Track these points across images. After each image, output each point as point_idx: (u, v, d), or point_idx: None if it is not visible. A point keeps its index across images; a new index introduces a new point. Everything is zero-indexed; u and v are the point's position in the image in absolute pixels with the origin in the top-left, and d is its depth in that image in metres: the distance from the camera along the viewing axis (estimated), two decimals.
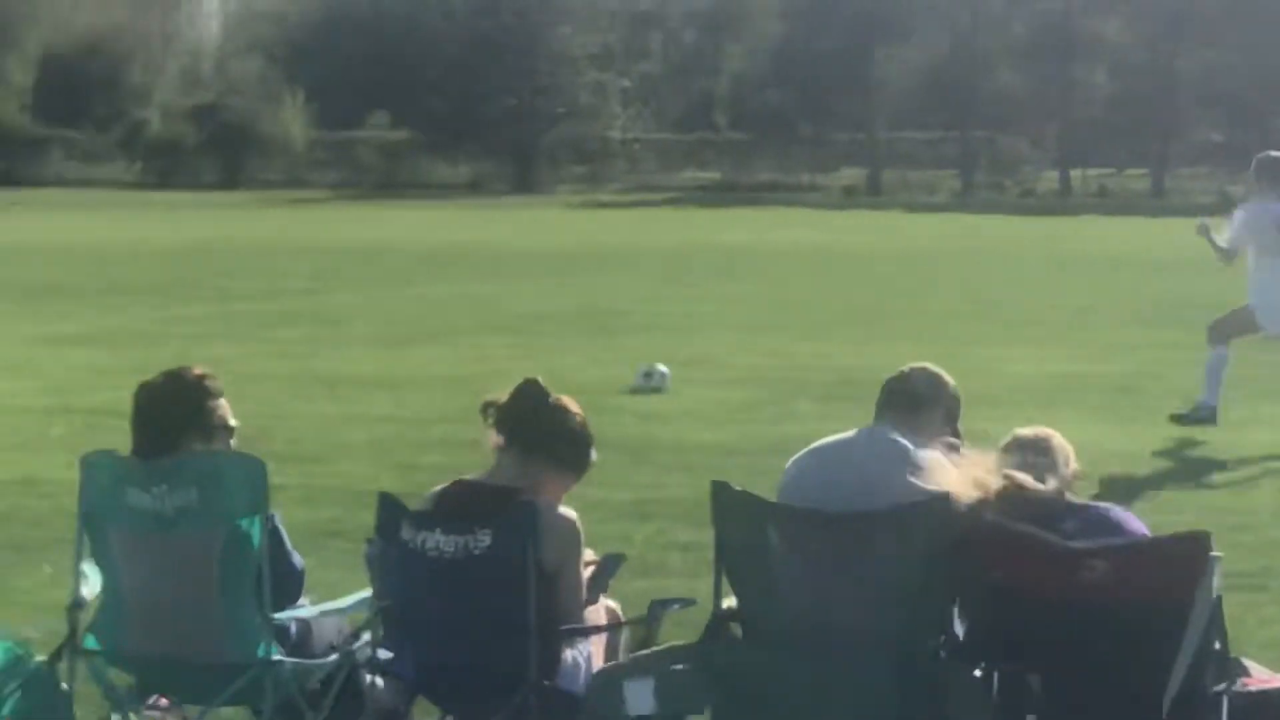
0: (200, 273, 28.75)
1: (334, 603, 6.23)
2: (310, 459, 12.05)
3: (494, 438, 6.02)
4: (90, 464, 6.13)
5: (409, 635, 5.95)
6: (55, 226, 44.19)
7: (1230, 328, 13.66)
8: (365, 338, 19.60)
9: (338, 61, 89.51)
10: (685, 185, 76.54)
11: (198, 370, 6.23)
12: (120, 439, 12.53)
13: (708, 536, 9.78)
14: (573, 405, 6.06)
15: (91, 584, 6.14)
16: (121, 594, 6.00)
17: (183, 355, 17.43)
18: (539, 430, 5.97)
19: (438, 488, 6.14)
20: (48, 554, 9.35)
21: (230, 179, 78.11)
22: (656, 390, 15.45)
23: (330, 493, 10.83)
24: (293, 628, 6.09)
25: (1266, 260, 13.40)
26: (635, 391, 15.27)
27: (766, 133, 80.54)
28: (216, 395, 6.15)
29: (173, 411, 6.08)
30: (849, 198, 70.07)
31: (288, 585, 6.02)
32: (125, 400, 14.12)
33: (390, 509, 6.02)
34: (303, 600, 6.17)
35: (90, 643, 6.06)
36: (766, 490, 5.78)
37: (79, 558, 6.12)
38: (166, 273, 28.66)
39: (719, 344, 16.40)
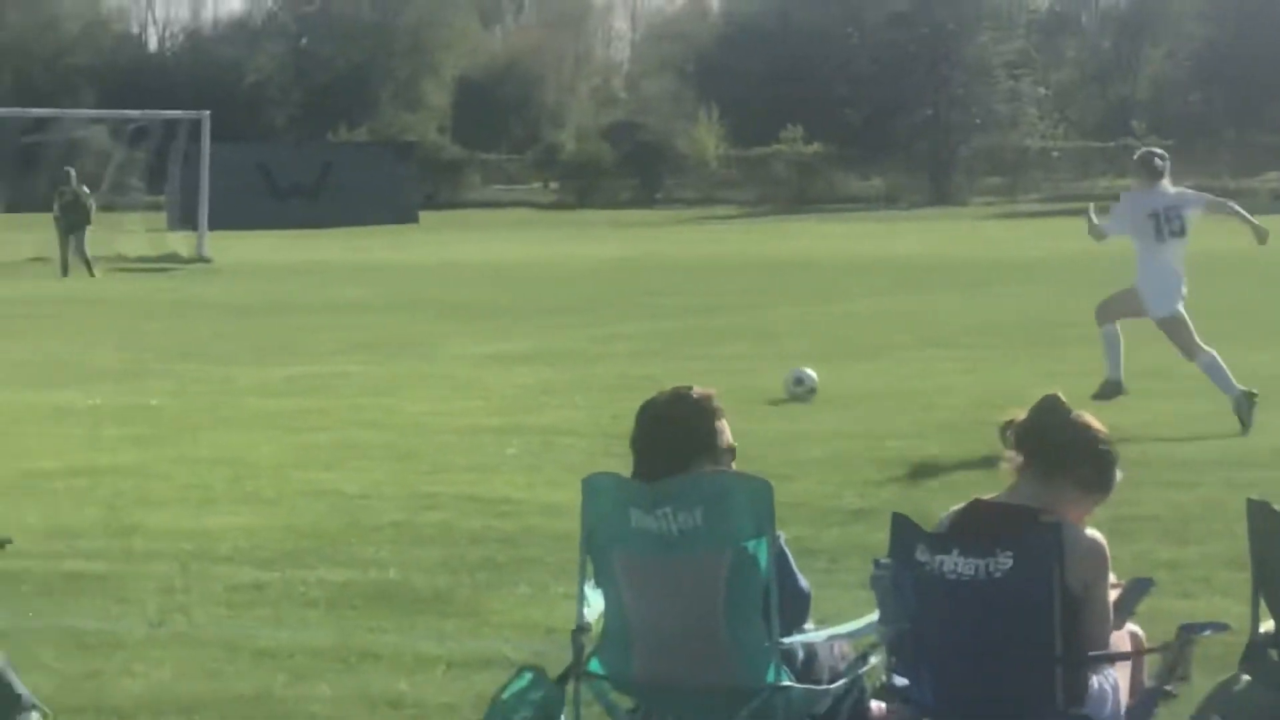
0: (630, 290, 28.97)
1: (842, 626, 6.05)
2: (770, 477, 11.86)
3: (1013, 456, 5.76)
4: (592, 486, 6.06)
5: (926, 661, 5.72)
6: (481, 247, 45.11)
7: (1115, 309, 14.38)
8: (803, 354, 19.34)
9: (748, 77, 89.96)
10: (1104, 194, 74.85)
11: (701, 391, 6.12)
12: (575, 458, 12.70)
13: (1190, 554, 9.46)
14: (1095, 422, 5.76)
15: (594, 607, 6.06)
16: (626, 618, 5.90)
17: (623, 374, 17.56)
18: (1061, 448, 5.70)
19: (954, 508, 5.90)
20: (521, 574, 9.36)
21: (646, 197, 78.94)
22: (802, 400, 15.49)
23: (795, 510, 10.62)
24: (800, 652, 5.93)
25: (1143, 246, 14.13)
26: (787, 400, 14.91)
27: (1187, 137, 78.33)
28: (720, 416, 6.04)
29: (681, 433, 5.97)
30: (1276, 201, 67.72)
31: (795, 608, 5.87)
32: (575, 419, 14.39)
33: (905, 530, 5.81)
34: (808, 623, 6.02)
35: (594, 666, 5.98)
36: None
37: (582, 581, 6.03)
38: (596, 291, 28.94)
39: (1169, 354, 15.77)
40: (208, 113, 41.81)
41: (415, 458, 12.94)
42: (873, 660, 5.85)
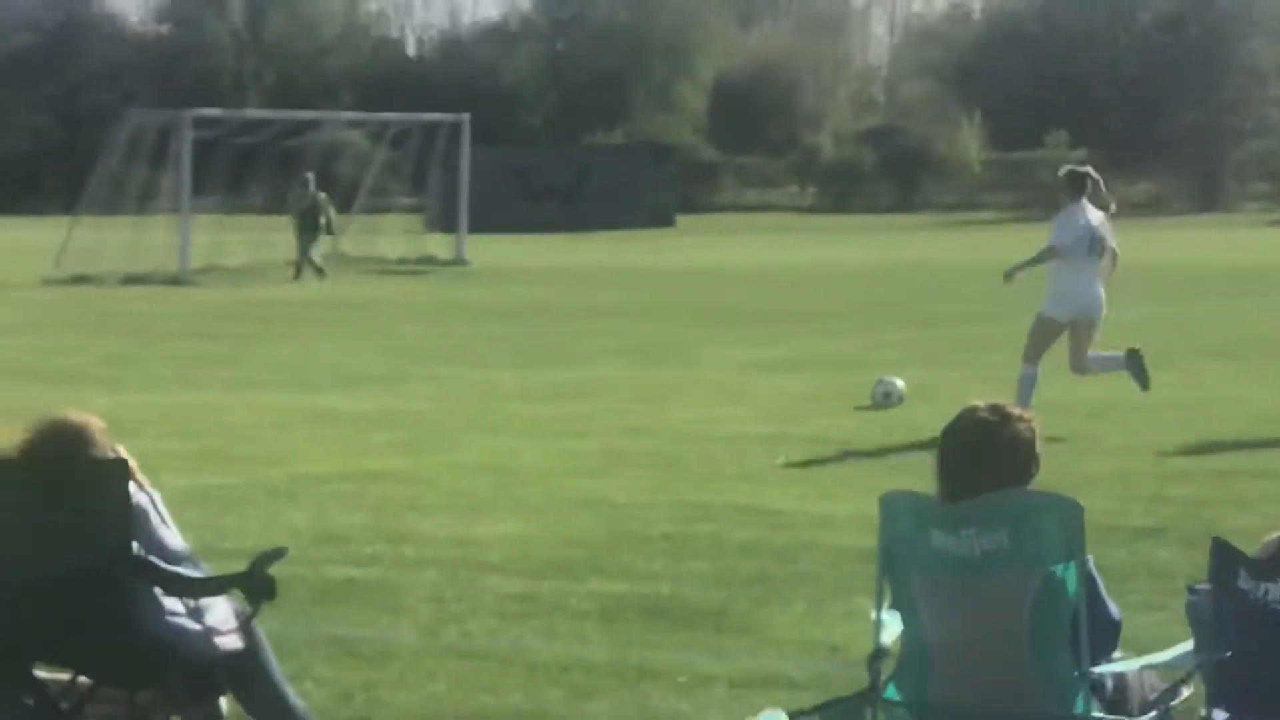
0: (895, 296, 28.53)
1: (1155, 656, 5.69)
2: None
3: None
4: (890, 505, 5.76)
5: (1247, 695, 5.35)
6: (739, 251, 44.88)
7: (1038, 345, 15.49)
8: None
9: (1010, 81, 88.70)
10: None
11: (1010, 409, 5.78)
12: (847, 469, 12.38)
13: None
14: None
15: (890, 630, 5.77)
16: (925, 642, 5.59)
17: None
18: None
19: (1276, 534, 5.51)
20: (798, 590, 9.08)
21: (905, 201, 78.22)
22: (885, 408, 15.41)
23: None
24: (1109, 682, 5.58)
25: (1065, 261, 15.65)
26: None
27: None
28: (1028, 435, 5.69)
29: (1003, 456, 5.63)
30: None
31: (1104, 636, 5.52)
32: (845, 428, 14.05)
33: (1226, 555, 5.44)
34: (1116, 652, 5.66)
35: (891, 693, 5.68)
36: None
37: (879, 604, 5.72)
38: (861, 296, 28.55)
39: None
40: (468, 115, 42.02)
41: (682, 466, 12.70)
42: (1185, 692, 5.50)
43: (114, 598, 6.15)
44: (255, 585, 6.32)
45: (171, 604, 6.30)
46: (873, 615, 5.84)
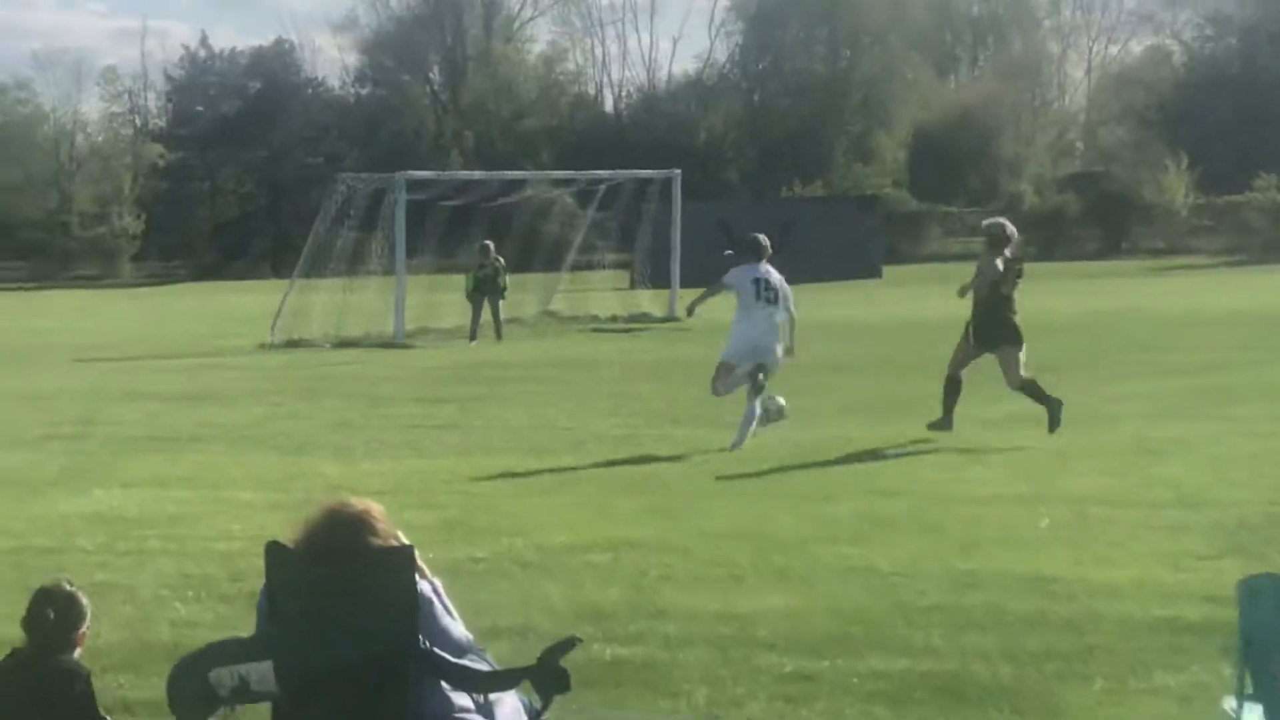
0: (1121, 345, 27.82)
1: None
2: None
3: None
4: (1251, 590, 5.32)
5: None
6: (948, 302, 44.16)
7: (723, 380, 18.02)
8: None
9: (1215, 123, 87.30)
10: None
11: None
12: (1118, 531, 11.80)
13: None
14: None
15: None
16: None
17: (1141, 436, 16.61)
18: None
19: None
20: (1093, 665, 8.61)
21: (1112, 248, 77.04)
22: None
23: None
24: None
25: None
26: None
27: None
28: None
29: None
30: None
31: None
32: (1105, 487, 13.49)
33: None
34: None
35: None
36: None
37: (1240, 693, 5.25)
38: (1086, 345, 27.87)
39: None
40: (679, 171, 41.88)
41: (943, 530, 12.21)
42: None
43: (400, 693, 5.83)
44: (547, 678, 5.99)
45: (459, 699, 5.97)
46: (1228, 705, 5.40)
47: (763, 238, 18.78)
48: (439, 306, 38.93)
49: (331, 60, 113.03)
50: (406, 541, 6.01)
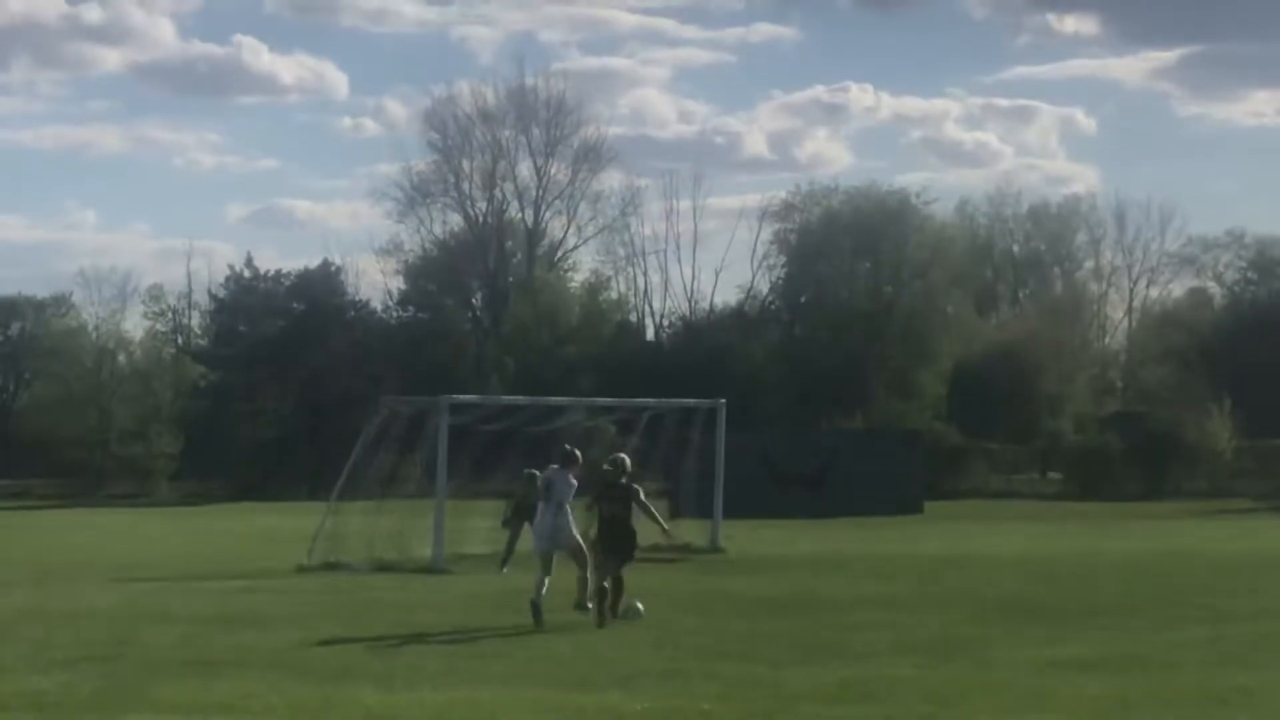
0: (1175, 589, 27.22)
1: None
2: None
3: None
4: None
5: None
6: (994, 539, 43.74)
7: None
8: None
9: (1257, 365, 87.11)
10: None
11: None
12: None
13: None
14: None
15: None
16: None
17: (1204, 685, 16.11)
18: None
19: None
20: None
21: (1154, 489, 76.53)
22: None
23: None
24: None
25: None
26: None
27: None
28: None
29: None
30: None
31: None
32: None
33: None
34: None
35: None
36: None
37: None
38: (1141, 589, 27.27)
39: None
40: (723, 400, 41.67)
41: None
42: None
43: None
44: None
45: None
46: None
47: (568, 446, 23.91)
48: (475, 532, 38.52)
49: (375, 283, 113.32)
50: None
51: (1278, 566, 32.47)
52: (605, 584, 22.58)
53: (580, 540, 22.95)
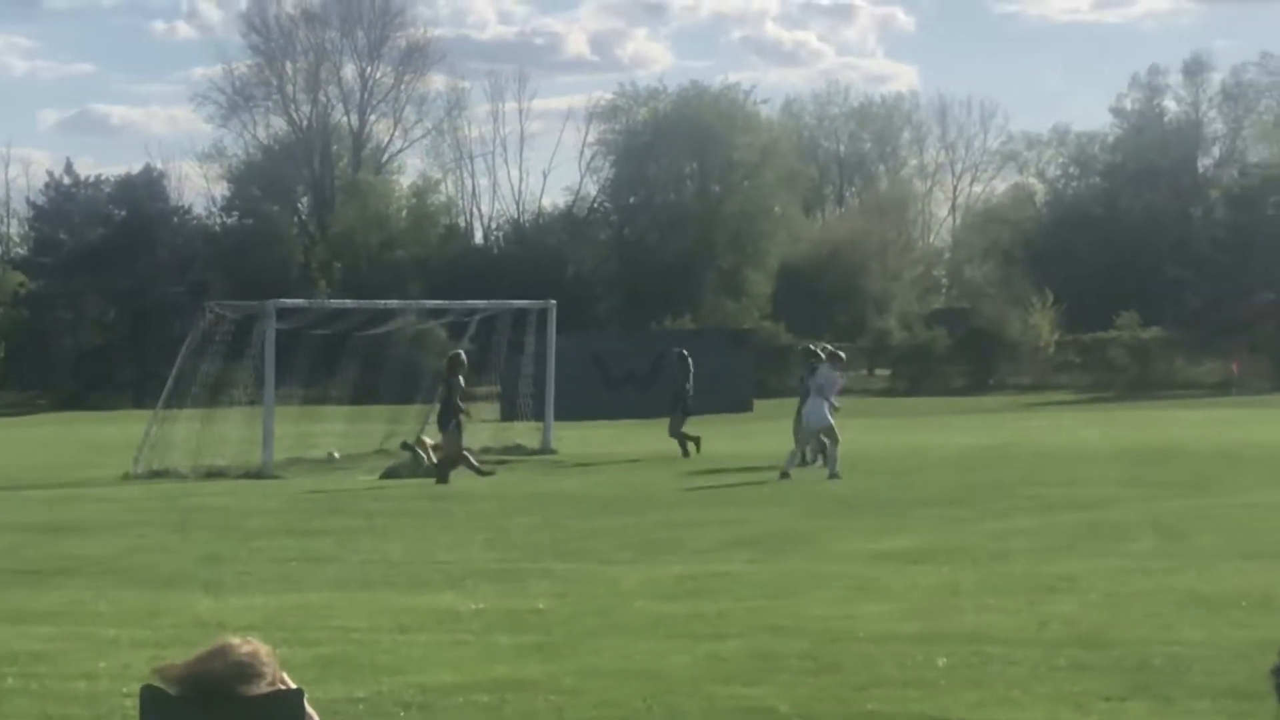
0: (1003, 480, 27.60)
1: None
2: (1241, 695, 10.56)
3: None
4: None
5: None
6: None
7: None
8: (1220, 551, 17.91)
9: (1079, 262, 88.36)
10: None
11: None
12: (1019, 671, 11.45)
13: None
14: None
15: None
16: None
17: (1033, 573, 16.33)
18: None
19: None
20: None
21: (979, 383, 77.52)
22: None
23: None
24: None
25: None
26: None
27: None
28: None
29: None
30: None
31: None
32: (999, 625, 13.14)
33: None
34: None
35: None
36: None
37: None
38: (970, 481, 27.61)
39: None
40: (554, 302, 41.59)
41: (840, 670, 11.79)
42: None
43: None
44: None
45: None
46: None
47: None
48: (310, 438, 38.21)
49: (198, 189, 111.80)
50: (294, 685, 5.50)
51: (1099, 457, 32.99)
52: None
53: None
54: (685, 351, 37.62)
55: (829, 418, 29.04)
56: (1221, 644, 12.33)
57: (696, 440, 35.60)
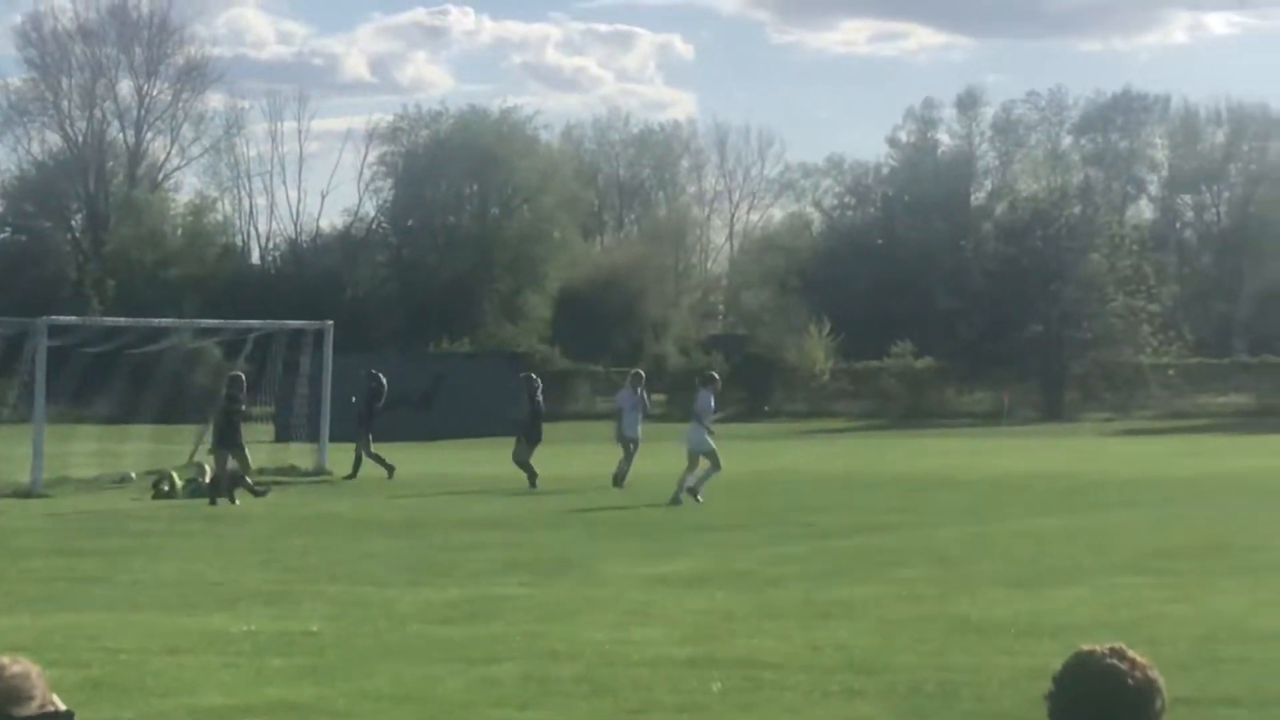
0: (777, 506, 27.89)
1: None
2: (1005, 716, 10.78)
3: None
4: None
5: None
6: (599, 461, 44.09)
7: None
8: (991, 577, 18.24)
9: (854, 290, 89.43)
10: (1221, 411, 73.75)
11: (1136, 654, 4.95)
12: (793, 697, 11.56)
13: None
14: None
15: None
16: None
17: (807, 598, 16.52)
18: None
19: None
20: None
21: (754, 409, 78.07)
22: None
23: None
24: None
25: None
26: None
27: None
28: (1159, 684, 4.87)
29: (1124, 705, 4.83)
30: None
31: None
32: (772, 650, 13.26)
33: None
34: None
35: None
36: None
37: None
38: (744, 507, 27.88)
39: None
40: (330, 323, 41.29)
41: (614, 694, 11.84)
42: None
43: None
44: None
45: None
46: None
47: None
48: (75, 457, 37.56)
49: None
50: (64, 707, 5.40)
51: (872, 484, 33.44)
52: None
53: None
54: (376, 370, 37.85)
55: (708, 441, 29.52)
56: (990, 670, 12.55)
57: (391, 469, 36.09)
